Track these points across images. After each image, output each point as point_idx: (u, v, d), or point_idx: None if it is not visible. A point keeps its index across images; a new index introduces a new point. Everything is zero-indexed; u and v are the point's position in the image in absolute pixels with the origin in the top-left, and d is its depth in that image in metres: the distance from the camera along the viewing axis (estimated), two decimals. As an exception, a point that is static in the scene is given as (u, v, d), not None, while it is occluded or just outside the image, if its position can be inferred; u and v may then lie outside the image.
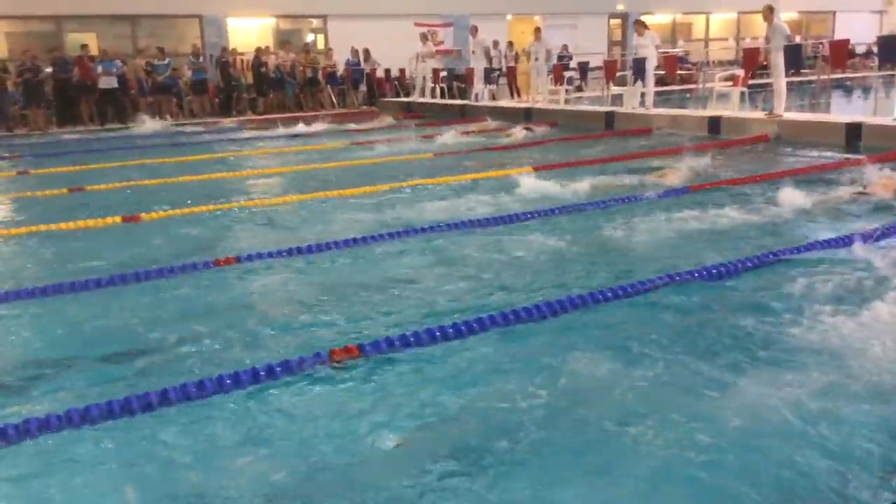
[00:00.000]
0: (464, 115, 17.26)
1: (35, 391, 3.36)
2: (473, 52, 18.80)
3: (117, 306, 4.54)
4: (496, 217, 6.32)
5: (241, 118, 18.66)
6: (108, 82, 17.72)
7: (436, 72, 20.12)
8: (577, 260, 5.19)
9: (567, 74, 17.80)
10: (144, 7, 19.97)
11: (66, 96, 17.79)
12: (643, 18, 15.42)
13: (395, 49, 20.40)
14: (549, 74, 16.97)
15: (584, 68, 17.38)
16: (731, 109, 12.54)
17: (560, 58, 19.76)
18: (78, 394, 3.26)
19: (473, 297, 4.42)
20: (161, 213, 6.97)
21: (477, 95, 18.48)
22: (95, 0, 19.18)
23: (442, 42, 23.45)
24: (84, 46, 18.32)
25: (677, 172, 8.06)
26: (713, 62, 24.04)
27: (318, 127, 15.56)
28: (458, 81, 20.95)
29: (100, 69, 17.63)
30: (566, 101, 16.85)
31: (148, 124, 16.64)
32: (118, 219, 6.73)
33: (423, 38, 20.01)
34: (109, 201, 7.65)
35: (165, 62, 18.81)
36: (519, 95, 19.79)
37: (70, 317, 4.39)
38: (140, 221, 6.70)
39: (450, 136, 12.78)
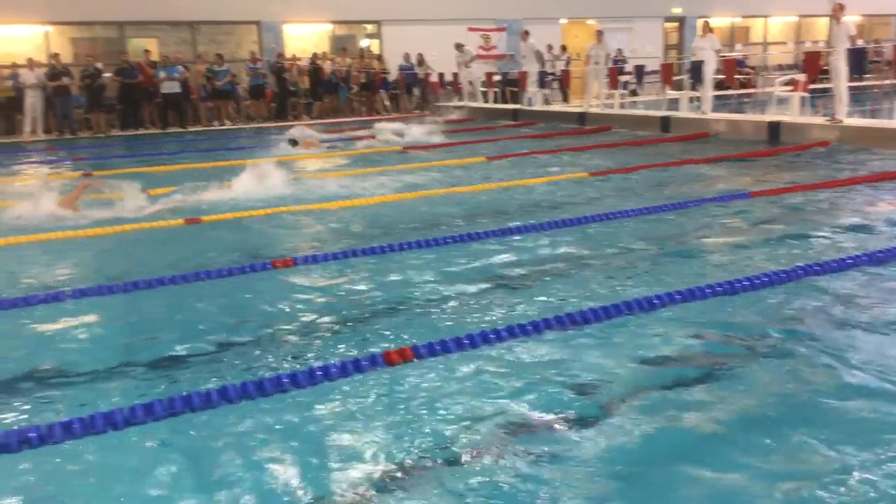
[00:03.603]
0: (515, 118, 17.23)
1: (99, 387, 3.46)
2: (524, 56, 18.77)
3: (178, 306, 4.65)
4: (557, 221, 6.30)
5: (310, 122, 18.83)
6: (170, 87, 18.15)
7: (489, 76, 20.15)
8: (633, 264, 5.14)
9: (622, 78, 17.65)
10: (204, 14, 20.41)
11: (130, 101, 18.27)
12: (700, 21, 15.20)
13: (449, 54, 20.49)
14: (605, 78, 16.86)
15: (640, 71, 17.21)
16: (791, 114, 12.28)
17: (615, 62, 19.61)
18: (141, 391, 3.35)
19: (528, 302, 4.41)
20: (222, 216, 7.11)
21: (530, 99, 18.44)
22: (157, 6, 19.67)
23: (495, 47, 23.46)
24: (146, 52, 18.82)
25: (738, 177, 7.94)
26: (772, 66, 23.56)
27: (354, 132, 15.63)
28: (511, 86, 20.93)
29: (162, 74, 18.07)
30: (621, 106, 16.71)
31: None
32: (181, 221, 6.89)
33: (458, 46, 20.11)
34: (172, 203, 7.83)
35: (225, 68, 19.20)
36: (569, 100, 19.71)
37: (133, 315, 4.52)
38: (202, 223, 6.83)
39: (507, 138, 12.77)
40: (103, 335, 4.26)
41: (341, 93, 20.80)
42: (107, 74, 18.11)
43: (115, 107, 18.48)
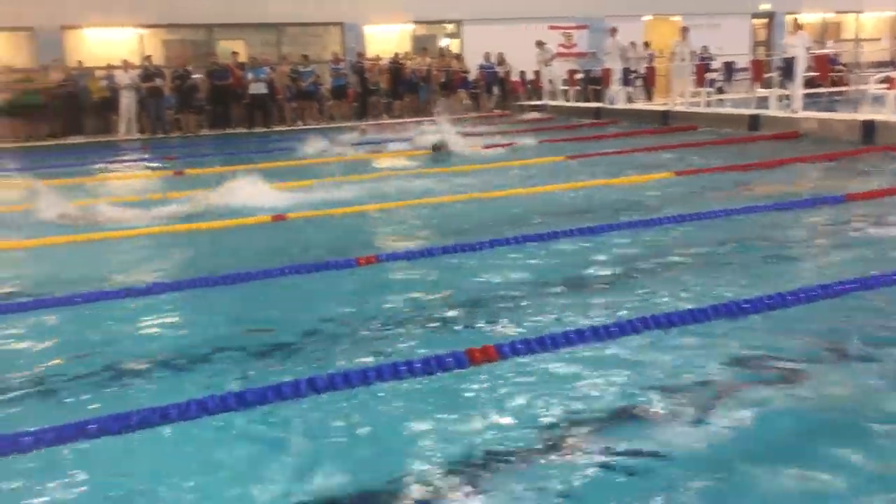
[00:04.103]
0: (598, 117, 17.03)
1: (193, 375, 3.59)
2: (608, 52, 18.53)
3: (263, 300, 4.79)
4: (642, 221, 6.21)
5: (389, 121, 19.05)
6: (257, 88, 18.63)
7: (571, 74, 19.99)
8: (720, 266, 5.02)
9: (708, 76, 17.23)
10: (289, 16, 20.89)
11: (219, 101, 18.84)
12: (789, 18, 14.72)
13: (530, 52, 20.42)
14: (690, 76, 16.50)
15: (730, 69, 16.77)
16: (886, 113, 11.75)
17: (701, 59, 19.17)
18: (231, 379, 3.46)
19: (613, 303, 4.36)
20: (308, 213, 7.26)
21: (612, 97, 18.21)
22: (245, 9, 20.22)
23: (576, 45, 23.25)
24: (234, 54, 19.38)
25: (830, 179, 7.66)
26: (865, 63, 22.63)
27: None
28: (593, 84, 20.70)
29: (250, 76, 18.57)
30: (707, 104, 16.32)
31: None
32: (267, 217, 7.06)
33: (539, 44, 20.01)
34: (259, 201, 8.05)
35: (309, 69, 19.60)
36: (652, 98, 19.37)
37: (221, 308, 4.66)
38: (287, 220, 7.00)
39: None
40: (191, 327, 4.41)
41: (421, 92, 20.96)
42: (196, 76, 18.72)
43: (205, 107, 19.08)
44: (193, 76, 18.65)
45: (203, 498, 2.60)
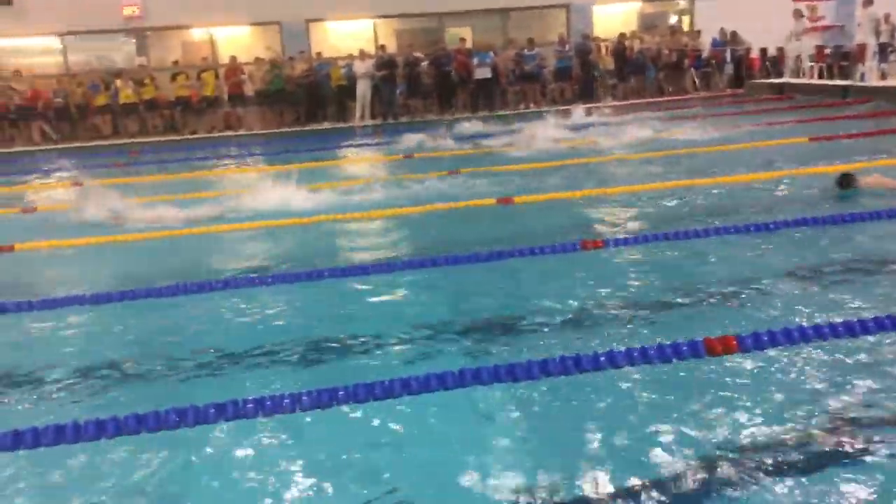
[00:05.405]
0: (846, 96, 15.57)
1: (423, 349, 3.75)
2: (859, 24, 16.83)
3: (490, 280, 4.89)
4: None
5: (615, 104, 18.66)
6: (482, 73, 18.99)
7: (819, 49, 18.42)
8: None
9: None
10: (517, 0, 21.09)
11: (445, 87, 19.43)
12: None
13: (769, 27, 19.04)
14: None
15: None
16: None
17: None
18: (464, 356, 3.57)
19: (863, 297, 3.98)
20: (533, 197, 7.30)
21: (863, 74, 16.55)
22: (473, -4, 20.72)
23: (822, 17, 21.36)
24: (462, 40, 19.87)
25: None
26: None
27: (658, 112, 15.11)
28: (843, 60, 18.93)
29: (475, 61, 18.97)
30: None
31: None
32: (493, 201, 7.19)
33: (797, 14, 18.46)
34: (485, 181, 8.23)
35: (534, 52, 19.65)
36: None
37: (448, 287, 4.82)
38: (513, 204, 7.07)
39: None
40: (420, 304, 4.60)
41: (648, 73, 20.29)
42: (424, 63, 19.42)
43: (432, 93, 19.74)
44: (422, 63, 19.36)
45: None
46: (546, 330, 3.91)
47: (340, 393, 3.00)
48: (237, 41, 20.14)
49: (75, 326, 4.44)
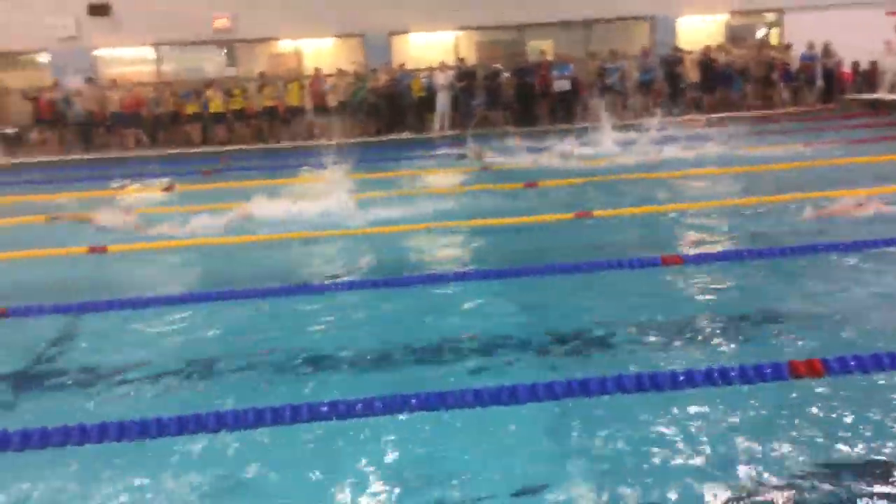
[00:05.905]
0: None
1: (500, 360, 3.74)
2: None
3: (565, 293, 4.85)
4: None
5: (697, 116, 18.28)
6: (561, 85, 18.88)
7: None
8: None
9: None
10: (599, 11, 20.86)
11: (526, 100, 19.40)
12: None
13: (862, 41, 18.38)
14: None
15: None
16: None
17: None
18: (539, 368, 3.55)
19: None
20: (613, 211, 7.21)
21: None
22: (555, 9, 20.54)
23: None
24: (542, 52, 19.83)
25: None
26: None
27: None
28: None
29: (555, 73, 18.89)
30: None
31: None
32: (570, 215, 7.10)
33: None
34: (560, 195, 8.17)
35: (617, 65, 19.43)
36: None
37: (524, 299, 4.79)
38: (591, 217, 6.99)
39: None
40: (498, 313, 4.59)
41: (735, 85, 19.80)
42: (505, 75, 19.43)
43: (512, 105, 19.74)
44: (504, 75, 19.38)
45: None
46: (618, 344, 3.86)
47: (413, 400, 3.03)
48: (322, 53, 20.59)
49: (168, 324, 4.61)
